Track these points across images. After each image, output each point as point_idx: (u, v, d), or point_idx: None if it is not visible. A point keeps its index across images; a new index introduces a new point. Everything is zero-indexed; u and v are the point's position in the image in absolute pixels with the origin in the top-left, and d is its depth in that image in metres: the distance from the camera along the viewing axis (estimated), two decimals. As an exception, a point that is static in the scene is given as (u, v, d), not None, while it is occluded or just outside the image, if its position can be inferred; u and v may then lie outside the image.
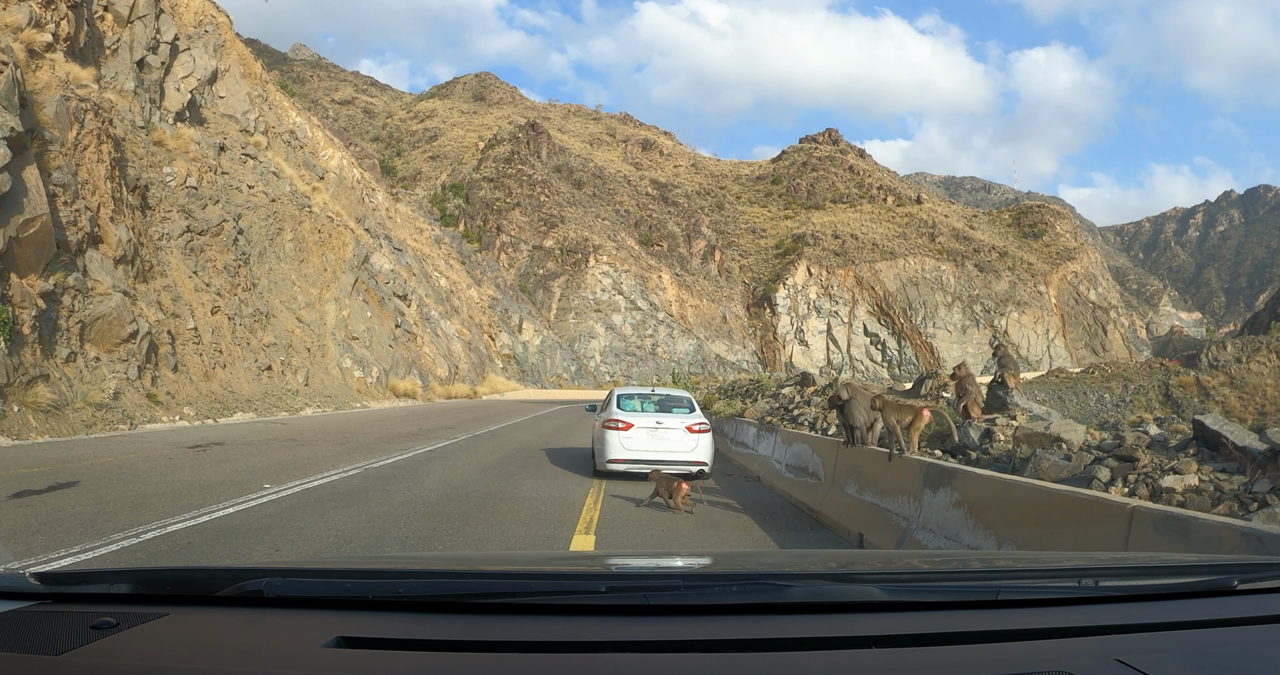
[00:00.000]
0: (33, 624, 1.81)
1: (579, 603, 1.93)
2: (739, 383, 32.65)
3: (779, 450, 13.74)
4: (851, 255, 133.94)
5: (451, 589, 1.99)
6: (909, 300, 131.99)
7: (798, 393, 19.71)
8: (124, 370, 22.99)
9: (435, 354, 57.58)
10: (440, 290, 72.06)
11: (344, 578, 2.11)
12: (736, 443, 19.06)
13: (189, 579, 2.19)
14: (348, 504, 9.64)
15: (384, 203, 71.69)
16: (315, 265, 42.67)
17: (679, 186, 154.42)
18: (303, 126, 58.43)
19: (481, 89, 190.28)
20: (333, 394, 36.64)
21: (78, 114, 26.06)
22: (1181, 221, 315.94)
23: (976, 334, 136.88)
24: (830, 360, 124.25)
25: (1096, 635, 1.84)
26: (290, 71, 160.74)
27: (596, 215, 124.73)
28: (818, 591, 2.02)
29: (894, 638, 1.78)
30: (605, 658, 1.68)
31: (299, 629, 1.78)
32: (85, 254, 23.87)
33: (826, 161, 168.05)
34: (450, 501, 10.33)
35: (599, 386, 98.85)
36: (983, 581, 2.26)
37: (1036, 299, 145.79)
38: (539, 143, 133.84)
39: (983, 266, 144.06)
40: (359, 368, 41.27)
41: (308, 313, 39.89)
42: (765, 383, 25.77)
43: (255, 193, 41.33)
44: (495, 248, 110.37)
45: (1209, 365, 66.07)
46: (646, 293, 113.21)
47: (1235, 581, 2.17)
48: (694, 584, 2.08)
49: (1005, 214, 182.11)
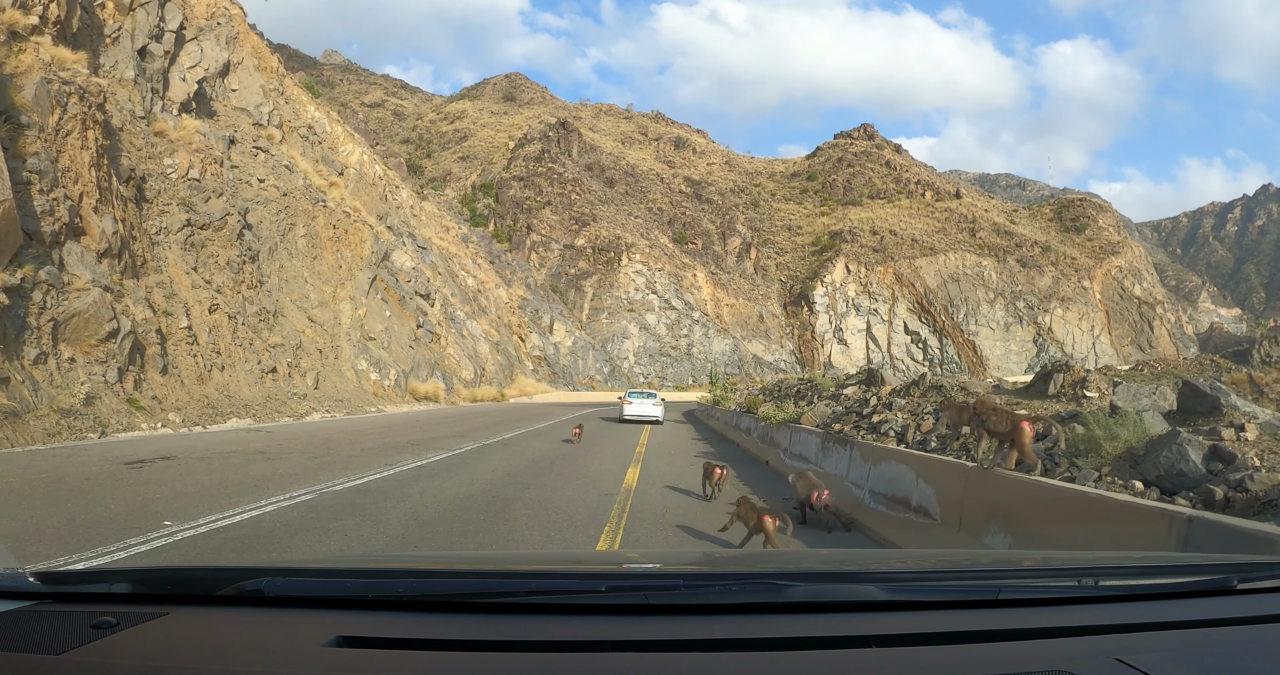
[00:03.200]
0: (33, 623, 1.79)
1: (579, 602, 1.91)
2: (786, 382, 29.66)
3: (858, 469, 10.39)
4: (890, 251, 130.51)
5: (452, 588, 1.98)
6: (950, 297, 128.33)
7: (868, 393, 16.66)
8: (102, 373, 20.91)
9: (460, 355, 55.38)
10: (467, 290, 69.96)
11: (344, 577, 2.09)
12: (792, 455, 15.63)
13: (189, 578, 2.16)
14: (246, 560, 6.91)
15: (408, 200, 69.78)
16: (329, 262, 40.64)
17: (713, 184, 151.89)
18: (321, 121, 56.74)
19: (512, 89, 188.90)
20: (345, 397, 34.53)
21: (60, 97, 24.12)
22: (1219, 216, 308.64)
23: (1020, 331, 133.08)
24: (870, 359, 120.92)
25: (1097, 634, 1.82)
26: (320, 75, 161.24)
27: (629, 213, 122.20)
28: (817, 591, 2.00)
29: (894, 637, 1.76)
30: (606, 657, 1.67)
31: (299, 628, 1.77)
32: (63, 246, 21.87)
33: (862, 157, 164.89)
34: (405, 549, 7.65)
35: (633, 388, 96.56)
36: (983, 581, 2.24)
37: (1080, 295, 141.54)
38: (570, 141, 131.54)
39: (1025, 262, 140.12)
40: (375, 370, 39.13)
41: (320, 312, 37.85)
42: (821, 382, 22.79)
43: (266, 187, 39.47)
44: (526, 247, 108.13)
45: (1261, 361, 62.58)
46: (681, 292, 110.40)
47: (1235, 581, 2.16)
48: (694, 583, 2.05)
49: (1046, 208, 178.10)
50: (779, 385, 29.72)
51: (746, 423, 23.90)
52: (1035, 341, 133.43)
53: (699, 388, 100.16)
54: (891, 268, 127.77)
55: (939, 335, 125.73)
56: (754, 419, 22.24)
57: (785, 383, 29.39)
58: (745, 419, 24.49)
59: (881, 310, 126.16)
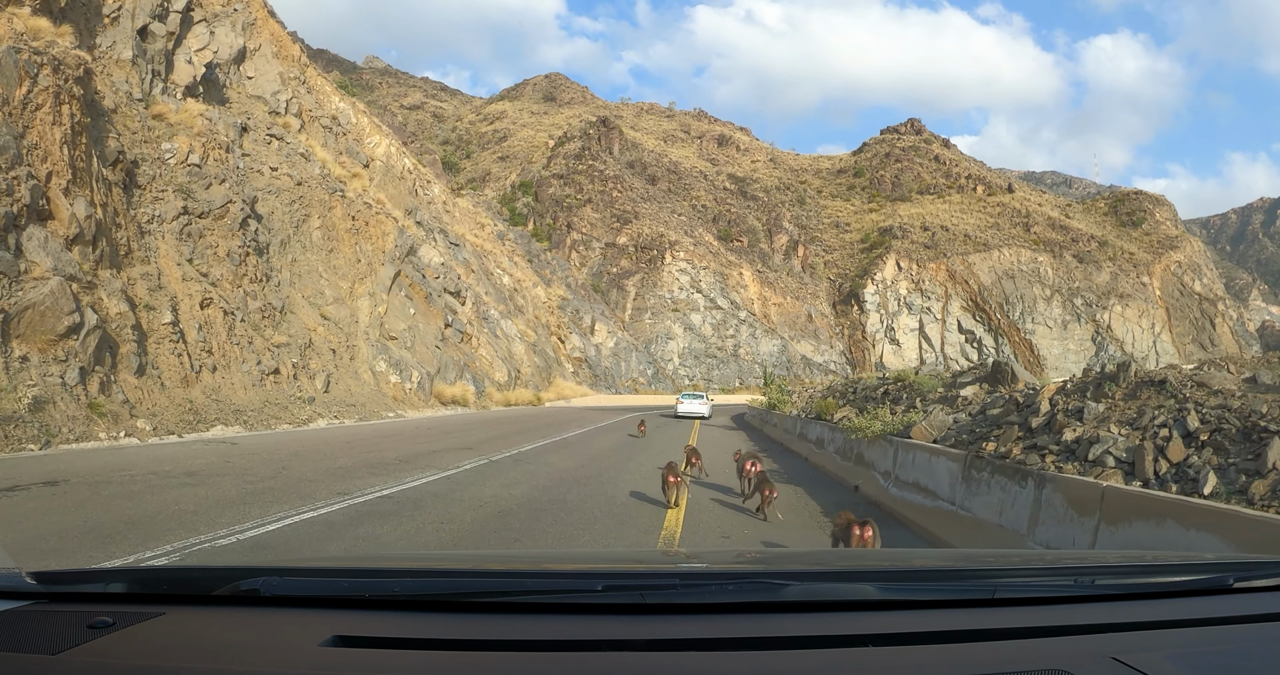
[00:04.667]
0: (29, 623, 1.77)
1: (575, 601, 1.89)
2: (864, 382, 25.44)
3: (1074, 530, 6.27)
4: (942, 248, 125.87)
5: (448, 588, 1.96)
6: (1005, 294, 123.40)
7: (1006, 394, 11.98)
8: (60, 373, 18.18)
9: (493, 356, 52.49)
10: (502, 288, 67.11)
11: (341, 577, 2.07)
12: (904, 484, 11.03)
13: (186, 578, 2.15)
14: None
15: (440, 196, 67.15)
16: (347, 256, 37.93)
17: (758, 181, 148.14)
18: (346, 112, 54.30)
19: (552, 89, 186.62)
20: (360, 402, 31.72)
21: (30, 68, 21.52)
22: (1269, 212, 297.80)
23: (1078, 329, 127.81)
24: (923, 359, 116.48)
25: (1093, 633, 1.81)
26: (359, 79, 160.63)
27: (672, 211, 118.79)
28: (814, 590, 1.98)
29: (890, 636, 1.75)
30: (601, 656, 1.65)
31: (296, 628, 1.75)
32: (23, 230, 19.22)
33: (910, 152, 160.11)
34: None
35: (677, 391, 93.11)
36: (979, 580, 2.22)
37: (1140, 291, 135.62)
38: (610, 139, 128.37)
39: (1082, 257, 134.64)
40: (395, 371, 36.32)
41: (335, 309, 35.12)
42: (920, 381, 18.40)
43: (279, 175, 36.90)
44: (566, 246, 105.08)
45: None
46: (727, 290, 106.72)
47: (1232, 580, 2.14)
48: (690, 582, 2.01)
49: (1100, 203, 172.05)
50: (852, 386, 25.74)
51: (817, 432, 19.77)
52: (1094, 340, 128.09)
53: (746, 390, 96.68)
54: (944, 264, 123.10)
55: (994, 334, 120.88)
56: (829, 428, 18.08)
57: (863, 383, 25.36)
58: (815, 427, 20.32)
59: (934, 309, 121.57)
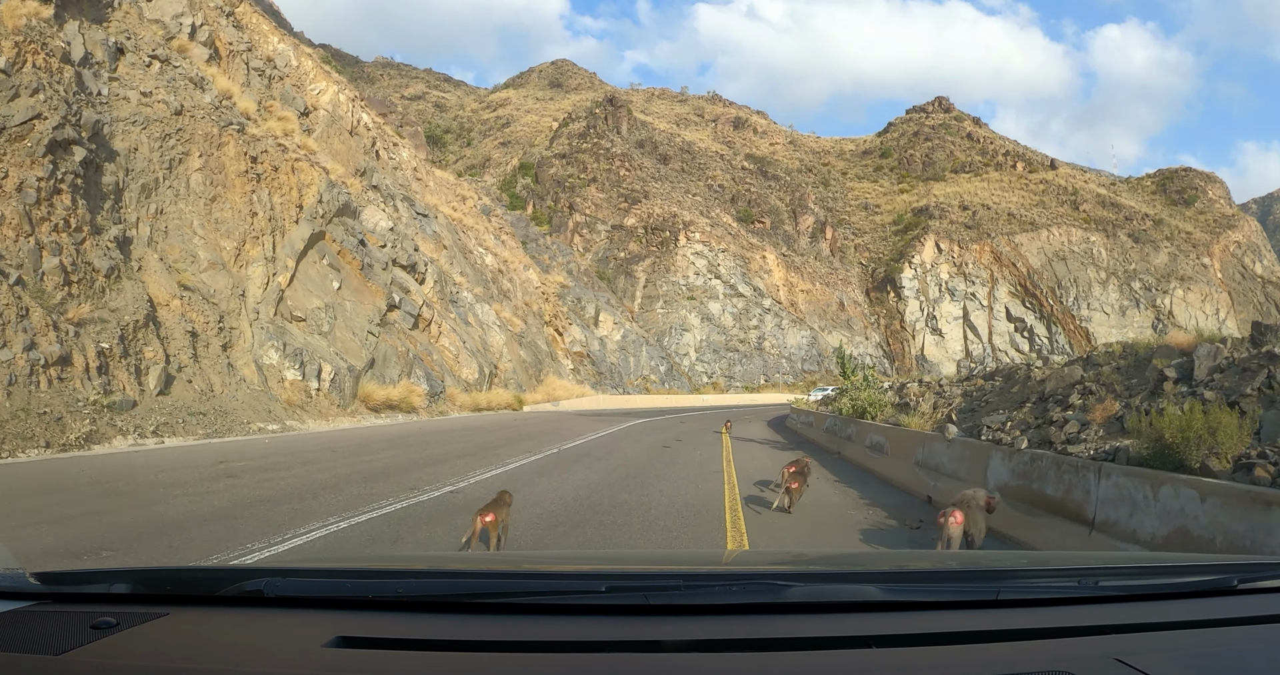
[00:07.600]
0: (33, 624, 1.77)
1: (579, 602, 1.89)
2: (1041, 372, 14.47)
3: None
4: (985, 227, 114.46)
5: (451, 589, 1.95)
6: (1057, 278, 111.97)
7: None
8: None
9: (459, 348, 41.90)
10: (483, 269, 56.66)
11: (344, 578, 2.06)
12: None
13: (189, 579, 2.14)
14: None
15: (410, 162, 56.78)
16: (237, 206, 27.60)
17: (778, 162, 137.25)
18: (285, 54, 44.08)
19: (558, 76, 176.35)
20: (227, 408, 21.41)
21: None
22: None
23: (1138, 316, 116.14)
24: (969, 351, 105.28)
25: (1096, 635, 1.81)
26: (361, 72, 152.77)
27: (685, 190, 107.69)
28: (817, 591, 1.98)
29: (894, 637, 1.75)
30: (605, 657, 1.65)
31: (299, 629, 1.75)
32: None
33: (940, 130, 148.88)
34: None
35: (694, 390, 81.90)
36: (983, 581, 2.21)
37: (1201, 273, 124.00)
38: (619, 117, 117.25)
39: (1137, 237, 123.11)
40: (294, 365, 25.94)
41: (210, 276, 24.82)
42: None
43: (151, 102, 26.73)
44: (568, 229, 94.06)
45: None
46: (749, 276, 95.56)
47: (1235, 581, 2.14)
48: (693, 584, 2.00)
49: (1147, 180, 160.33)
50: (1016, 377, 14.61)
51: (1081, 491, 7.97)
52: (1154, 327, 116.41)
53: (772, 388, 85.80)
54: (989, 245, 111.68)
55: (1047, 322, 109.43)
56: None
57: (1031, 373, 14.40)
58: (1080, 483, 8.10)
59: (980, 294, 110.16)
